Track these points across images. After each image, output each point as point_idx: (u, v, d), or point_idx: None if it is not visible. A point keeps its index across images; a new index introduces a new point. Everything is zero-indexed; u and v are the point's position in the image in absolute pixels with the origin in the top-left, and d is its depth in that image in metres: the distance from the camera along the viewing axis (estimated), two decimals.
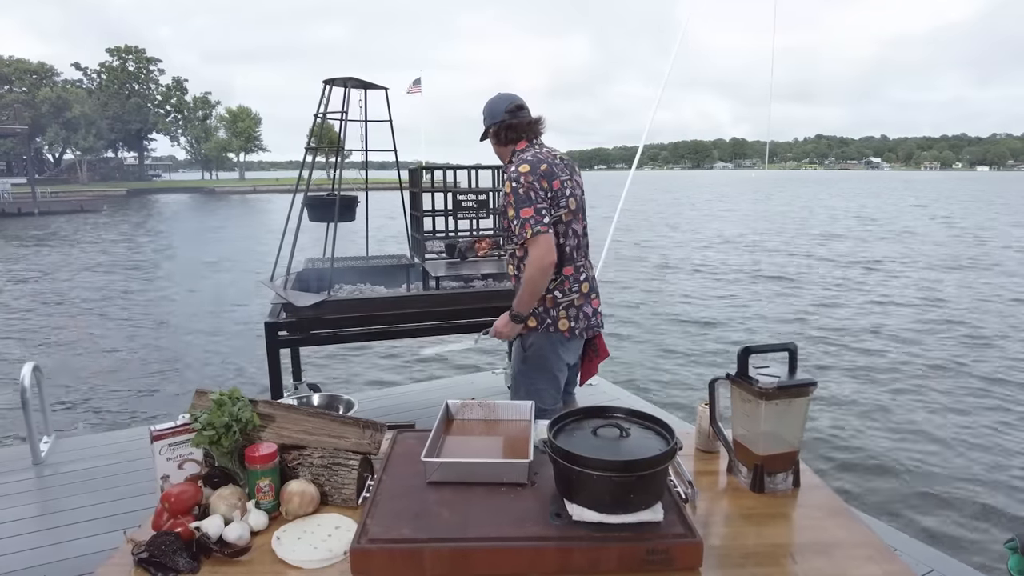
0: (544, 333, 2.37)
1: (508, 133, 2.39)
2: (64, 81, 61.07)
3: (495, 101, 2.43)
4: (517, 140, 2.40)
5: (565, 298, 2.37)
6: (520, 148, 2.39)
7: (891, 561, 1.25)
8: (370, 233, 4.17)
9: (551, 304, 2.36)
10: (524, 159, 2.30)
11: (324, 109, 3.52)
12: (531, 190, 2.24)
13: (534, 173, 2.26)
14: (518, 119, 2.39)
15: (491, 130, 2.43)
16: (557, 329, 2.37)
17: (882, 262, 15.57)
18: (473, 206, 3.92)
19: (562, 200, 2.32)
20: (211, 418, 1.40)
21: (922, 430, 5.59)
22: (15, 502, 2.94)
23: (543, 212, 2.24)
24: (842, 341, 8.47)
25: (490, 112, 2.43)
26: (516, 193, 2.25)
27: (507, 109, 2.38)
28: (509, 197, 2.27)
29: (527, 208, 2.23)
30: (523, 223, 2.23)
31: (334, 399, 1.93)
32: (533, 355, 2.41)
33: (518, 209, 2.24)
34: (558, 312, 2.36)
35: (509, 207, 2.28)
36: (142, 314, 10.50)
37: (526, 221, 2.23)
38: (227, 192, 56.61)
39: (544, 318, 2.37)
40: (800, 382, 1.47)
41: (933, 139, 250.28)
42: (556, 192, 2.30)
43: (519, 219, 2.24)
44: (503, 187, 2.33)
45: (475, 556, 1.18)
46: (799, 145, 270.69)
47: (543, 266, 2.24)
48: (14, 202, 32.38)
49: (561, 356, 2.41)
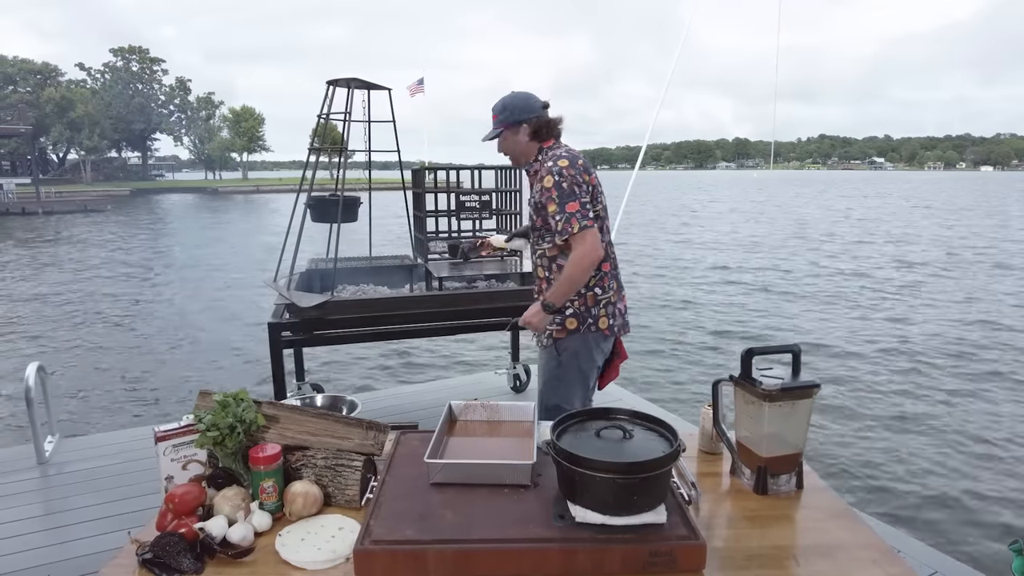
0: (584, 334, 2.29)
1: (544, 129, 2.31)
2: (68, 81, 61.26)
3: (524, 96, 2.33)
4: (547, 138, 2.33)
5: (604, 295, 2.30)
6: (548, 145, 2.32)
7: (894, 563, 1.25)
8: (378, 234, 4.17)
9: (592, 302, 2.28)
10: (560, 154, 2.24)
11: (328, 110, 3.53)
12: (574, 183, 2.16)
13: (574, 167, 2.19)
14: (550, 116, 2.33)
15: (527, 126, 2.30)
16: (598, 328, 2.29)
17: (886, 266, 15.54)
18: (476, 207, 3.92)
19: (598, 196, 2.28)
20: (215, 419, 1.41)
21: (926, 432, 5.58)
22: (19, 502, 2.95)
23: (587, 207, 2.17)
24: (844, 341, 8.46)
25: (524, 107, 2.31)
26: (559, 187, 2.16)
27: (542, 105, 2.32)
28: (550, 192, 2.17)
29: (572, 202, 2.15)
30: (568, 217, 2.14)
31: (337, 400, 1.93)
32: (569, 359, 2.31)
33: (562, 204, 2.15)
34: (599, 310, 2.29)
35: (550, 202, 2.18)
36: (145, 314, 10.53)
37: (572, 216, 2.14)
38: (230, 192, 56.69)
39: (585, 317, 2.28)
40: (803, 384, 1.47)
41: (937, 139, 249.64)
42: (594, 188, 2.25)
43: (563, 214, 2.15)
44: (541, 182, 2.22)
45: (478, 557, 1.18)
46: (802, 145, 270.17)
47: (591, 262, 2.16)
48: (18, 202, 32.48)
49: (595, 358, 2.34)
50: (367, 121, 3.63)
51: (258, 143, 72.37)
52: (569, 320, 2.29)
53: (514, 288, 3.74)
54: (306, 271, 3.80)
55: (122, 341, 8.88)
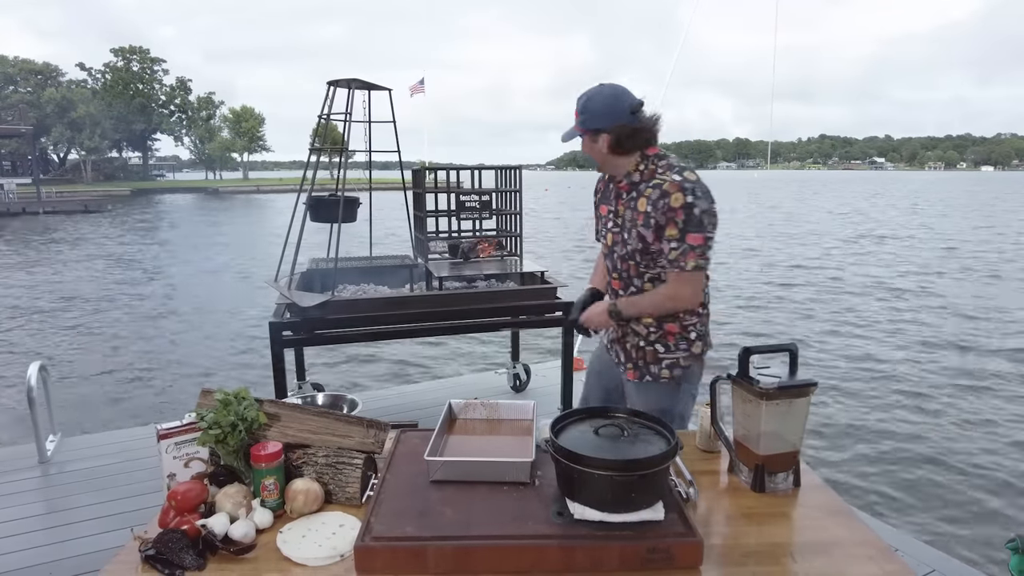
0: (700, 356, 2.03)
1: (635, 139, 1.90)
2: (69, 81, 61.30)
3: (611, 96, 1.91)
4: (645, 147, 1.92)
5: (706, 310, 2.05)
6: (654, 153, 1.93)
7: (891, 560, 1.26)
8: (380, 234, 4.18)
9: (707, 320, 2.04)
10: (684, 167, 1.88)
11: (328, 110, 3.54)
12: (705, 211, 1.81)
13: (704, 183, 1.84)
14: (642, 122, 1.90)
15: (608, 136, 1.90)
16: (710, 344, 2.06)
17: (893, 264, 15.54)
18: (476, 207, 3.93)
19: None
20: (217, 417, 1.42)
21: (923, 430, 5.59)
22: (21, 500, 2.96)
23: (711, 244, 1.84)
24: (843, 342, 8.47)
25: (607, 111, 1.90)
26: (690, 211, 1.80)
27: (631, 109, 1.88)
28: (677, 213, 1.80)
29: (698, 235, 1.81)
30: (686, 251, 1.82)
31: (338, 398, 1.94)
32: (690, 388, 2.04)
33: (686, 232, 1.81)
34: (706, 329, 2.05)
35: (671, 224, 1.82)
36: (146, 313, 10.54)
37: (691, 249, 1.82)
38: (231, 192, 56.71)
39: (706, 335, 2.03)
40: (801, 383, 1.48)
41: (937, 139, 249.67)
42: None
43: (683, 244, 1.82)
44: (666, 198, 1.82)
45: (478, 554, 1.19)
46: (803, 145, 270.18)
47: (678, 308, 1.93)
48: (19, 202, 32.48)
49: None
50: (367, 121, 3.64)
51: (258, 143, 72.39)
52: (696, 344, 2.00)
53: (514, 288, 3.75)
54: (307, 271, 3.81)
55: (123, 340, 8.89)
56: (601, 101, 1.91)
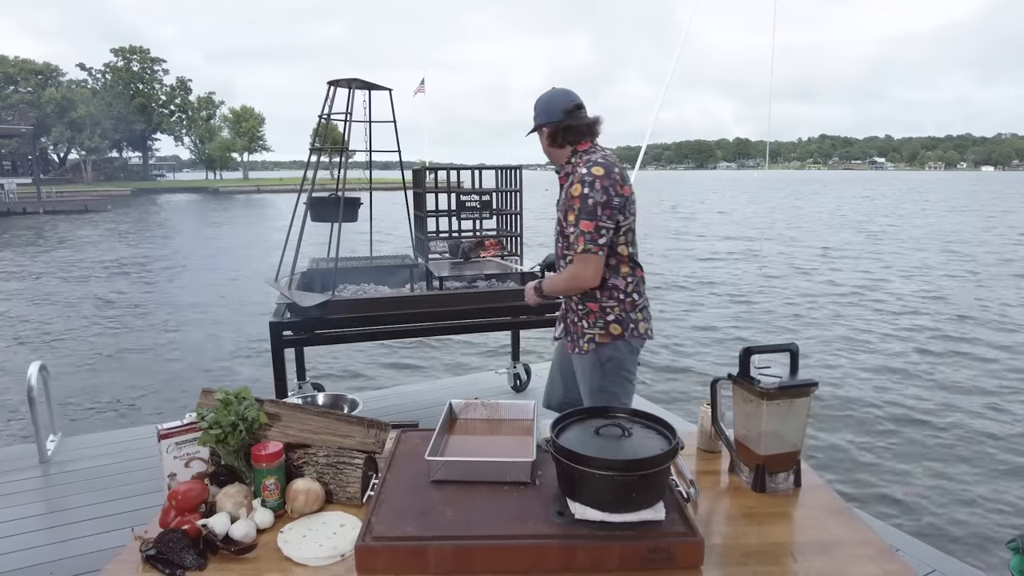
0: (628, 340, 2.23)
1: (565, 135, 2.20)
2: (69, 81, 61.28)
3: (550, 98, 2.23)
4: (576, 142, 2.21)
5: (641, 299, 2.26)
6: (583, 148, 2.21)
7: (891, 560, 1.26)
8: (382, 233, 4.18)
9: (631, 308, 2.23)
10: (596, 161, 2.12)
11: (328, 110, 3.54)
12: (599, 204, 2.05)
13: (609, 177, 2.08)
14: (576, 120, 2.19)
15: (546, 130, 2.23)
16: (639, 333, 2.25)
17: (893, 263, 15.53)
18: (476, 207, 3.93)
19: (630, 207, 2.18)
20: (217, 417, 1.42)
21: (924, 429, 5.59)
22: (22, 500, 2.96)
23: (603, 231, 2.08)
24: (843, 340, 8.46)
25: (544, 110, 2.23)
26: (584, 200, 2.06)
27: (564, 108, 2.19)
28: (575, 201, 2.08)
29: (588, 221, 2.06)
30: (579, 235, 2.08)
31: (339, 398, 1.94)
32: (614, 366, 2.24)
33: (579, 219, 2.07)
34: (637, 315, 2.25)
35: (571, 212, 2.10)
36: (146, 312, 10.54)
37: (583, 234, 2.08)
38: (231, 192, 56.72)
39: (627, 322, 2.22)
40: (801, 382, 1.48)
41: (938, 139, 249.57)
42: (627, 199, 2.14)
43: (577, 229, 2.09)
44: (569, 189, 2.12)
45: (478, 554, 1.19)
46: (803, 145, 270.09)
47: (580, 287, 2.16)
48: (19, 202, 32.48)
49: (636, 361, 2.29)
50: (368, 121, 3.64)
51: (259, 143, 72.37)
52: (613, 326, 2.21)
53: (514, 288, 3.75)
54: (307, 271, 3.81)
55: (123, 339, 8.90)
56: (544, 101, 2.25)
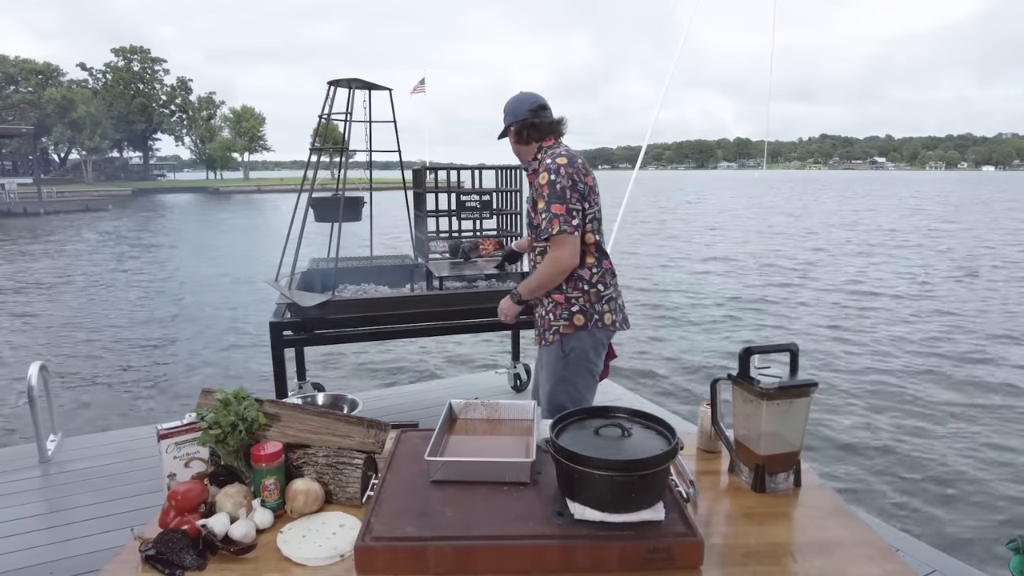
0: (591, 330, 2.30)
1: (530, 132, 2.35)
2: (70, 81, 61.29)
3: (517, 99, 2.39)
4: (541, 139, 2.36)
5: (607, 291, 2.32)
6: (547, 145, 2.35)
7: (891, 560, 1.26)
8: (380, 234, 4.18)
9: (596, 299, 2.30)
10: (560, 153, 2.25)
11: (329, 110, 3.54)
12: (566, 188, 2.18)
13: (573, 166, 2.21)
14: (540, 118, 2.35)
15: (512, 128, 2.39)
16: (603, 324, 2.31)
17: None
18: (476, 206, 3.93)
19: (594, 197, 2.29)
20: (217, 417, 1.42)
21: (925, 430, 5.59)
22: (22, 500, 2.96)
23: (574, 213, 2.18)
24: (846, 340, 8.46)
25: (512, 110, 2.39)
26: (552, 186, 2.18)
27: (529, 108, 2.35)
28: (543, 189, 2.20)
29: (559, 204, 2.17)
30: (551, 219, 2.17)
31: (339, 398, 1.94)
32: (576, 357, 2.31)
33: (549, 203, 2.18)
34: (603, 306, 2.31)
35: (540, 199, 2.21)
36: (146, 312, 10.54)
37: (555, 217, 2.17)
38: (231, 192, 56.74)
39: (591, 313, 2.29)
40: (801, 383, 1.48)
41: (938, 139, 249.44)
42: (590, 188, 2.26)
43: (548, 213, 2.18)
44: (537, 178, 2.25)
45: (478, 554, 1.19)
46: (803, 145, 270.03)
47: (563, 268, 2.21)
48: (20, 202, 32.47)
49: (600, 354, 2.36)
50: (368, 121, 3.64)
51: (259, 143, 72.39)
52: (576, 316, 2.29)
53: (514, 288, 3.74)
54: (307, 271, 3.81)
55: (125, 339, 8.90)
56: (511, 103, 2.41)
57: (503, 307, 2.47)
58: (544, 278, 2.27)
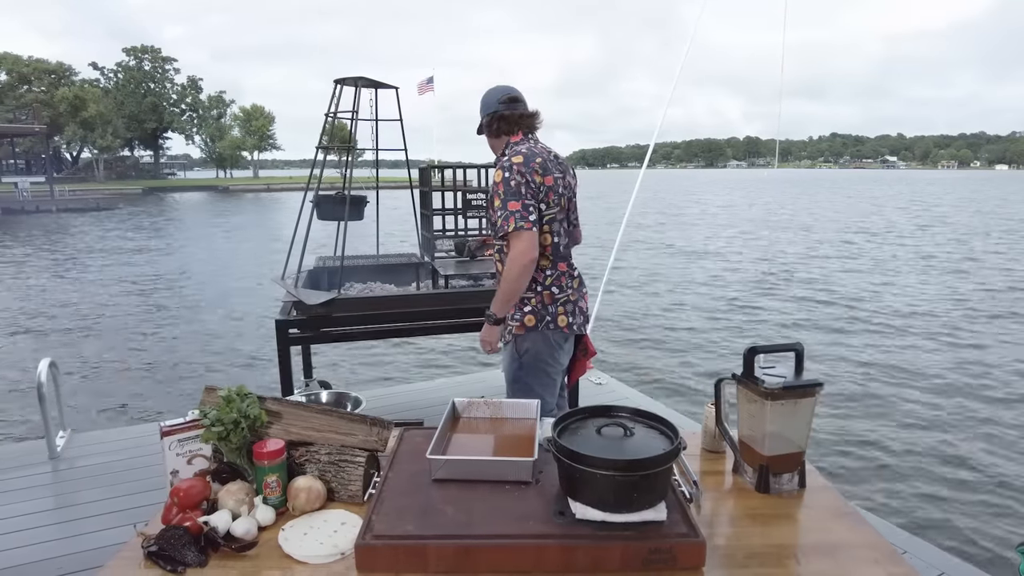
0: (543, 332, 2.28)
1: (500, 124, 2.33)
2: (82, 80, 61.81)
3: (489, 92, 2.38)
4: (511, 132, 2.33)
5: (562, 294, 2.30)
6: (515, 140, 2.33)
7: (896, 563, 1.24)
8: (387, 232, 4.19)
9: (549, 300, 2.28)
10: (518, 150, 2.22)
11: (335, 108, 3.55)
12: (521, 184, 2.15)
13: (527, 165, 2.17)
14: (511, 110, 2.32)
15: (484, 121, 2.38)
16: (556, 326, 2.28)
17: None
18: (483, 205, 3.93)
19: (554, 197, 2.23)
20: (220, 414, 1.43)
21: (933, 431, 5.54)
22: (32, 495, 2.99)
23: (530, 209, 2.15)
24: (849, 340, 8.40)
25: (484, 103, 2.37)
26: (507, 184, 2.15)
27: (500, 100, 2.33)
28: (498, 187, 2.17)
29: (515, 201, 2.14)
30: (507, 216, 2.14)
31: (342, 396, 1.95)
32: (530, 358, 2.30)
33: (505, 201, 2.15)
34: (556, 308, 2.28)
35: (496, 197, 2.19)
36: (154, 310, 10.62)
37: (511, 214, 2.13)
38: (241, 190, 57.07)
39: (543, 315, 2.28)
40: (806, 383, 1.47)
41: (951, 137, 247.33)
42: (549, 188, 2.21)
43: (504, 211, 2.14)
44: (495, 177, 2.23)
45: (479, 553, 1.19)
46: (813, 143, 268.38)
47: (524, 263, 2.15)
48: (33, 200, 32.82)
49: (557, 356, 2.33)
50: (375, 120, 3.64)
51: (268, 142, 72.78)
52: (528, 317, 2.27)
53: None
54: (313, 269, 3.82)
55: (130, 337, 8.97)
56: (484, 95, 2.39)
57: (483, 337, 2.37)
58: (510, 282, 2.20)
